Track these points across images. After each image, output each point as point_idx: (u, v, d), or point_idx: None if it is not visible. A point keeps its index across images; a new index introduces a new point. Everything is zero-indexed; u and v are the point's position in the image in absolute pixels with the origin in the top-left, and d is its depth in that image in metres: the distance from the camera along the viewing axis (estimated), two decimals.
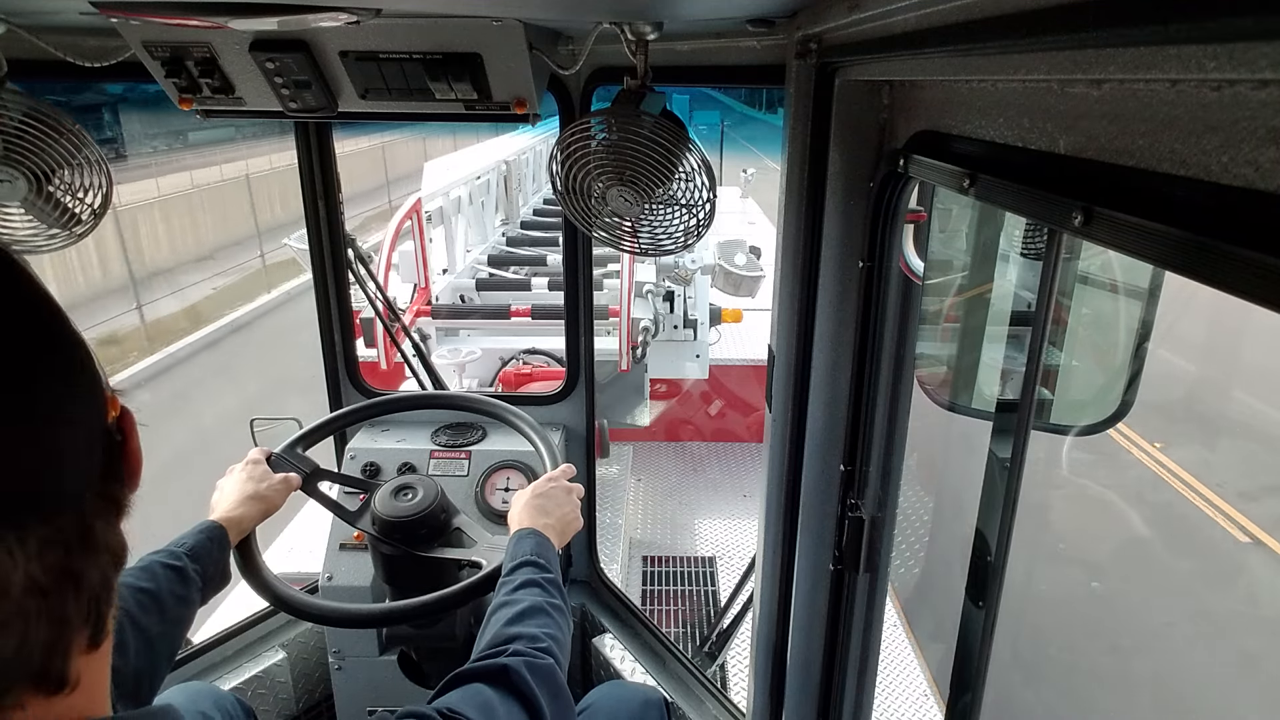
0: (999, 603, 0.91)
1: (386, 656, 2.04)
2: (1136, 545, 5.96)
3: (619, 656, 2.13)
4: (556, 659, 1.08)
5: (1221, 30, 0.36)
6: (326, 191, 2.08)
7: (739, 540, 4.15)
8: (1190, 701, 4.50)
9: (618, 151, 1.25)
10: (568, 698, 1.06)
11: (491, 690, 0.96)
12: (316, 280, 2.16)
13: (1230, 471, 6.87)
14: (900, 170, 0.97)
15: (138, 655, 1.09)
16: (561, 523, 1.40)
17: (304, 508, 3.71)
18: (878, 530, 1.26)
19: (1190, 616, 5.19)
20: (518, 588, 1.20)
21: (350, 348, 2.26)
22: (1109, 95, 0.53)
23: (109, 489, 0.53)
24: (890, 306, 1.15)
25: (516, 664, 1.00)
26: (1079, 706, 4.39)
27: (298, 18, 1.09)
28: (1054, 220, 0.59)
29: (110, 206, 1.53)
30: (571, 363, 2.19)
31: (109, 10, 1.06)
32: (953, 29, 0.67)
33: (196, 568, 1.28)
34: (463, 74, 1.30)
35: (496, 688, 0.96)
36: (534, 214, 6.69)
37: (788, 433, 1.35)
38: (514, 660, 1.01)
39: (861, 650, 1.35)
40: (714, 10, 1.16)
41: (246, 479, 1.52)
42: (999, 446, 0.89)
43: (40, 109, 1.40)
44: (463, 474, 2.10)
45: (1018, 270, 1.33)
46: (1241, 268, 0.39)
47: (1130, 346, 1.31)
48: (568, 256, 2.05)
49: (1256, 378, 8.39)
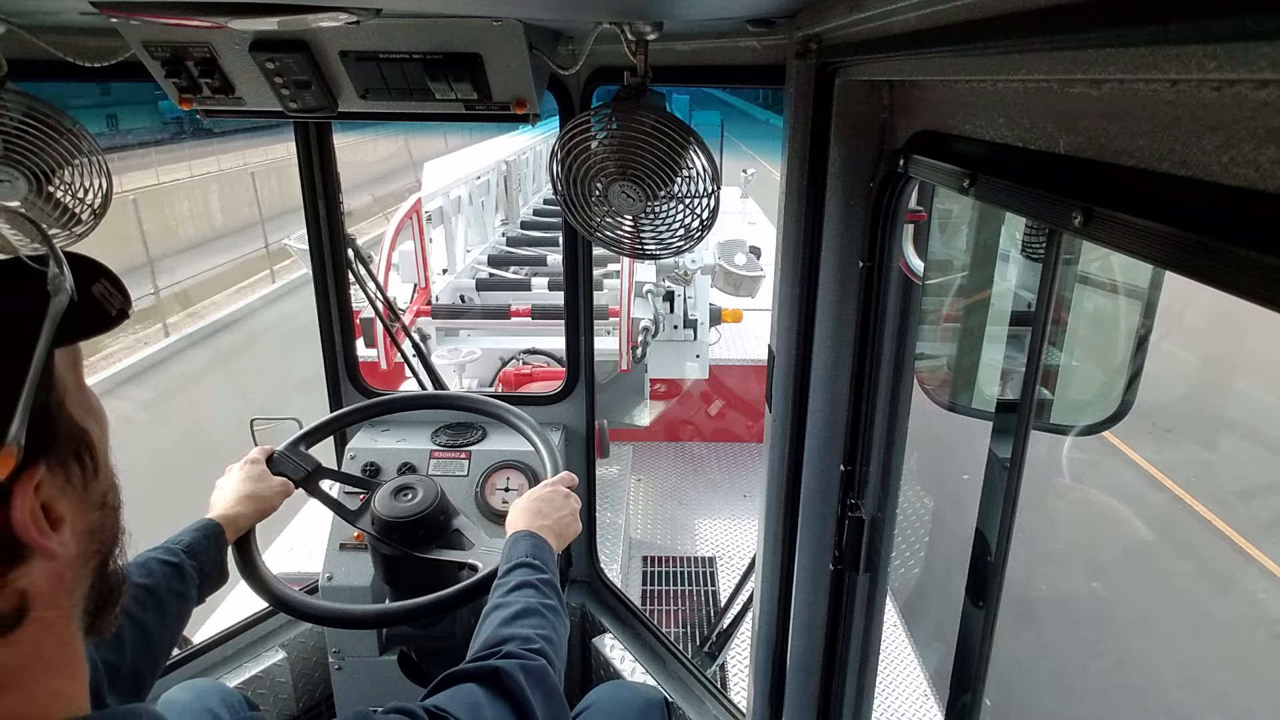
0: (999, 603, 0.91)
1: (386, 656, 2.04)
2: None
3: (619, 656, 2.13)
4: (550, 660, 1.08)
5: (1221, 30, 0.36)
6: (326, 191, 2.08)
7: (739, 540, 4.15)
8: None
9: (620, 146, 1.24)
10: (561, 699, 1.06)
11: (482, 691, 0.96)
12: (316, 280, 2.16)
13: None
14: (900, 170, 0.97)
15: (134, 650, 1.10)
16: (559, 525, 1.40)
17: (304, 507, 3.71)
18: (878, 530, 1.26)
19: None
20: (513, 589, 1.20)
21: (350, 348, 2.26)
22: (1109, 95, 0.53)
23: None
24: (890, 306, 1.15)
25: (509, 665, 1.00)
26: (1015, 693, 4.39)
27: (298, 18, 1.09)
28: (1054, 220, 0.59)
29: (110, 206, 1.53)
30: (571, 363, 2.19)
31: (109, 10, 1.06)
32: (953, 29, 0.67)
33: (194, 564, 1.29)
34: (463, 74, 1.30)
35: (487, 689, 0.97)
36: (534, 214, 6.69)
37: (788, 433, 1.35)
38: (506, 662, 1.01)
39: (861, 650, 1.35)
40: (714, 10, 1.16)
41: (244, 478, 1.52)
42: (999, 446, 0.89)
43: (40, 109, 1.40)
44: (463, 474, 2.10)
45: (1018, 270, 1.33)
46: (1241, 268, 0.39)
47: (1130, 346, 1.31)
48: (568, 256, 2.05)
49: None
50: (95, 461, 0.59)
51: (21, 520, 0.50)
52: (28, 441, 0.50)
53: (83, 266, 0.58)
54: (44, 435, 0.53)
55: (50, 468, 0.53)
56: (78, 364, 0.60)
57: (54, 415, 0.54)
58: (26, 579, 0.52)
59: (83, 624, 0.60)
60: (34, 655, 0.54)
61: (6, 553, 0.50)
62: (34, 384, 0.50)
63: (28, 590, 0.52)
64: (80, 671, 0.60)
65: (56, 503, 0.54)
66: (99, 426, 0.61)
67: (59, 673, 0.57)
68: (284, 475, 1.59)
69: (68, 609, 0.57)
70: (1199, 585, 5.59)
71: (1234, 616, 5.31)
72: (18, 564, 0.51)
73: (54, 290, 0.52)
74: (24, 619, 0.52)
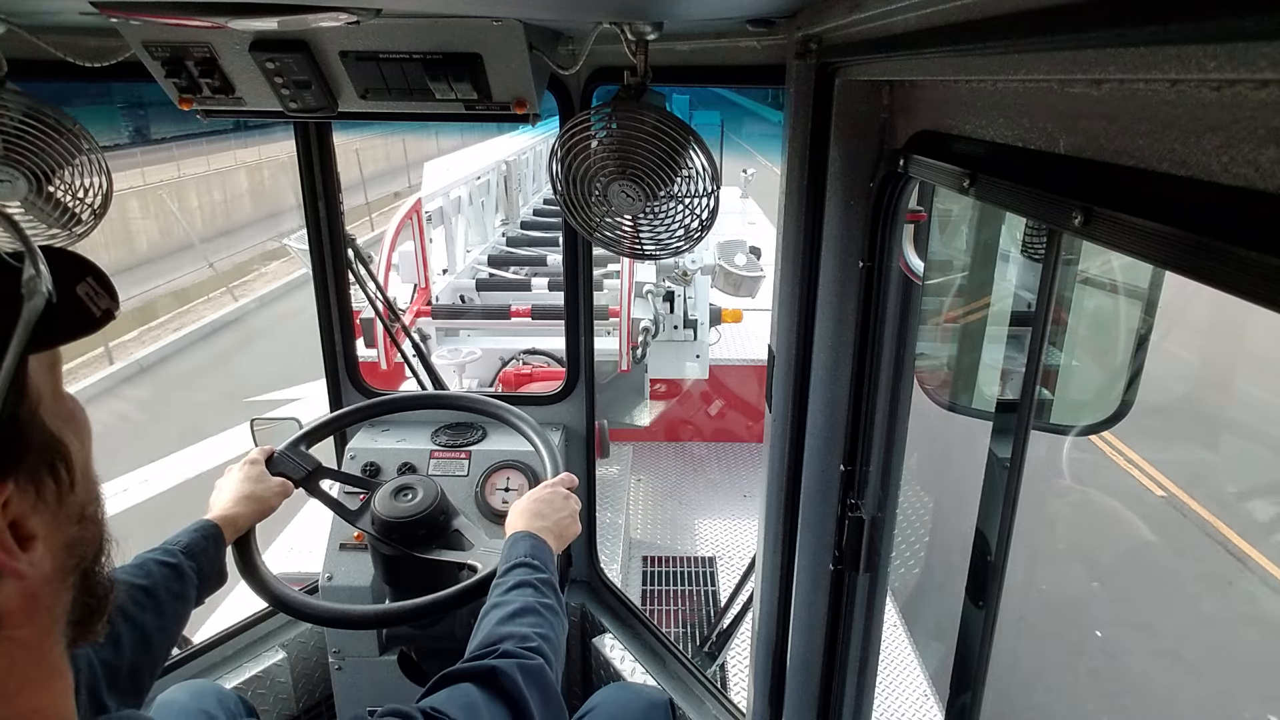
0: (999, 603, 0.91)
1: (386, 656, 2.04)
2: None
3: (619, 656, 2.13)
4: (548, 659, 1.07)
5: (1221, 30, 0.36)
6: (326, 191, 2.08)
7: (739, 540, 4.15)
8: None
9: (620, 145, 1.24)
10: (558, 698, 1.06)
11: (479, 691, 0.96)
12: (316, 280, 2.16)
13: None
14: (900, 170, 0.97)
15: (133, 650, 1.09)
16: (559, 527, 1.40)
17: (304, 507, 3.72)
18: (878, 530, 1.26)
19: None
20: (511, 589, 1.20)
21: (350, 348, 2.26)
22: (1109, 95, 0.53)
23: None
24: (890, 306, 1.15)
25: (505, 665, 1.00)
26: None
27: (298, 18, 1.09)
28: (1054, 220, 0.59)
29: (110, 206, 1.53)
30: (571, 363, 2.19)
31: (109, 10, 1.06)
32: (953, 29, 0.67)
33: (192, 565, 1.28)
34: (463, 74, 1.30)
35: (484, 688, 0.96)
36: (534, 214, 6.69)
37: (788, 433, 1.35)
38: (503, 661, 1.01)
39: (861, 650, 1.35)
40: (714, 10, 1.16)
41: (243, 479, 1.52)
42: (999, 446, 0.89)
43: (40, 109, 1.40)
44: (463, 474, 2.10)
45: (1018, 270, 1.33)
46: (1241, 268, 0.39)
47: (1130, 346, 1.31)
48: (568, 257, 2.05)
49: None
50: (72, 474, 0.55)
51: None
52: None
53: (68, 264, 0.54)
54: (13, 448, 0.49)
55: (20, 483, 0.50)
56: (56, 369, 0.56)
57: (25, 426, 0.50)
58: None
59: (66, 636, 0.57)
60: (8, 672, 0.52)
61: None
62: (1, 394, 0.46)
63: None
64: (62, 685, 0.57)
65: (27, 520, 0.51)
66: (78, 436, 0.57)
67: (38, 688, 0.54)
68: (284, 475, 1.59)
69: (46, 624, 0.54)
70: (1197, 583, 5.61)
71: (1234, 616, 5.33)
72: None
73: (28, 294, 0.49)
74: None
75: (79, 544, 0.56)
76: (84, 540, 0.57)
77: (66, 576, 0.56)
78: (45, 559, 0.52)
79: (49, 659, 0.55)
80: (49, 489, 0.53)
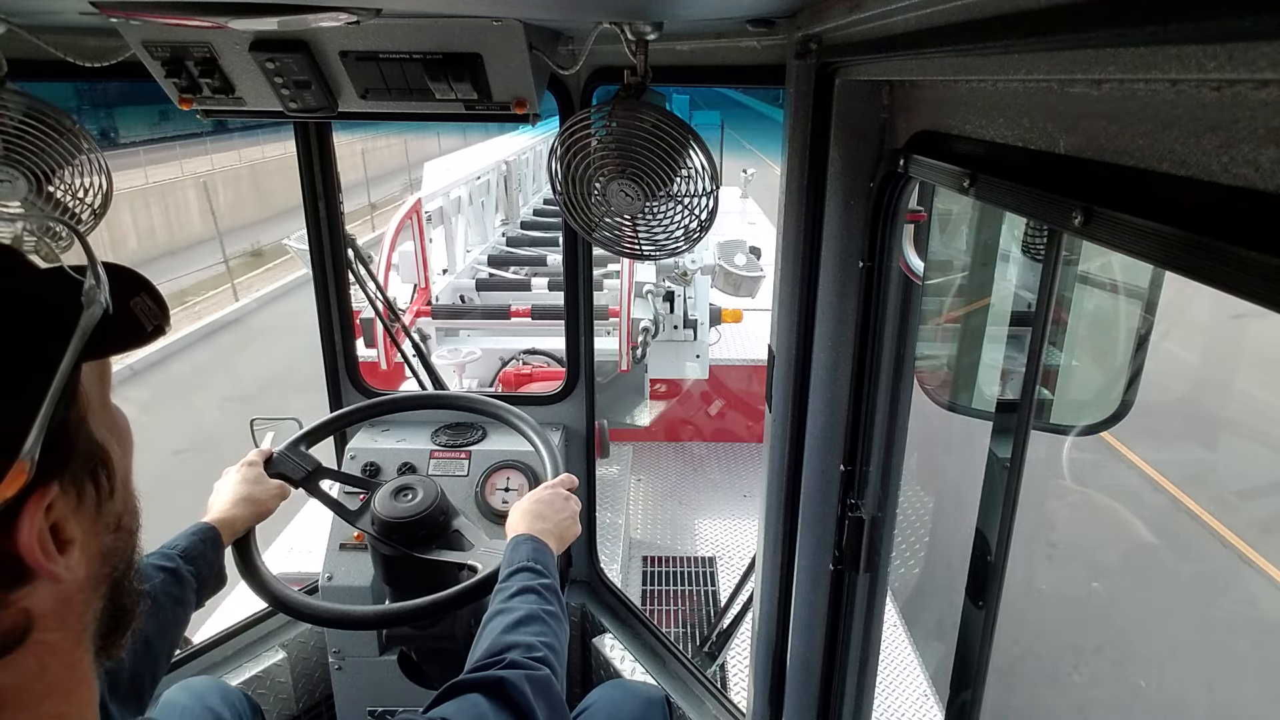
0: (999, 603, 0.91)
1: (387, 656, 2.04)
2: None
3: (619, 656, 2.13)
4: (553, 668, 1.07)
5: (1221, 30, 0.36)
6: (326, 191, 2.08)
7: (739, 540, 4.15)
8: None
9: (620, 144, 1.24)
10: (564, 708, 1.06)
11: (487, 702, 0.96)
12: (316, 280, 2.16)
13: None
14: (900, 170, 0.97)
15: (133, 656, 1.09)
16: (559, 528, 1.40)
17: (304, 508, 3.71)
18: (878, 530, 1.26)
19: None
20: (514, 594, 1.20)
21: (350, 348, 2.26)
22: (1109, 95, 0.53)
23: None
24: (890, 306, 1.15)
25: (513, 676, 1.00)
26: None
27: (298, 18, 1.09)
28: (1054, 220, 0.59)
29: (110, 206, 1.53)
30: (571, 363, 2.19)
31: (109, 10, 1.06)
32: (953, 29, 0.67)
33: (191, 569, 1.28)
34: (463, 74, 1.30)
35: (492, 699, 0.96)
36: (534, 214, 6.69)
37: (788, 433, 1.35)
38: (511, 672, 1.01)
39: (861, 650, 1.35)
40: (714, 10, 1.16)
41: (241, 480, 1.52)
42: (999, 446, 0.89)
43: (40, 109, 1.40)
44: (463, 474, 2.10)
45: (1018, 270, 1.33)
46: (1241, 268, 0.39)
47: (1130, 346, 1.31)
48: (568, 257, 2.05)
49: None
50: (112, 483, 0.56)
51: (28, 542, 0.48)
52: (42, 458, 0.47)
53: (124, 279, 0.56)
54: (60, 452, 0.50)
55: (64, 487, 0.51)
56: (105, 379, 0.58)
57: (73, 432, 0.52)
58: (30, 600, 0.50)
59: (94, 646, 0.57)
60: (37, 677, 0.52)
61: (10, 573, 0.48)
62: (55, 398, 0.48)
63: (31, 611, 0.50)
64: (88, 695, 0.57)
65: (67, 524, 0.52)
66: (121, 446, 0.58)
67: (64, 695, 0.54)
68: (284, 475, 1.59)
69: (77, 631, 0.55)
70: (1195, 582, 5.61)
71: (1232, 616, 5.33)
72: (21, 585, 0.49)
73: (87, 302, 0.51)
74: (27, 640, 0.50)
75: (113, 553, 0.57)
76: (118, 550, 0.58)
77: (99, 585, 0.57)
78: (80, 565, 0.53)
79: (78, 667, 0.56)
80: (90, 495, 0.54)
